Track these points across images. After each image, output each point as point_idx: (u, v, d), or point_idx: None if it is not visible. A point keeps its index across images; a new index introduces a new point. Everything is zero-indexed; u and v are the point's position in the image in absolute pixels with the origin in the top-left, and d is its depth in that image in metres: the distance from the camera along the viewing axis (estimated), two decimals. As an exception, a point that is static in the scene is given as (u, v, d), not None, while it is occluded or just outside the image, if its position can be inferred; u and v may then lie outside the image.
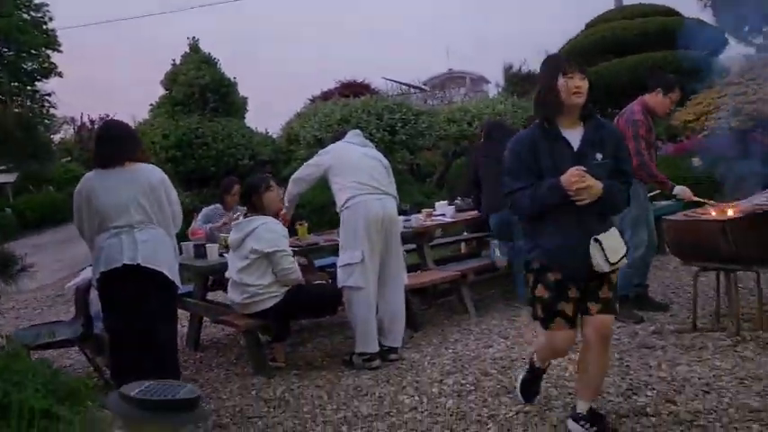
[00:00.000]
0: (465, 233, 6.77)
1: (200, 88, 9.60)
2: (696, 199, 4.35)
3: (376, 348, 4.10)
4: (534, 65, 19.10)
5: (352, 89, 12.35)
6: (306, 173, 4.41)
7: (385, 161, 4.50)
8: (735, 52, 11.34)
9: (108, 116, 21.13)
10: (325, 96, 12.59)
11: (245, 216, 4.25)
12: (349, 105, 9.33)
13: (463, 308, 5.23)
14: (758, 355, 3.58)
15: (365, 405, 3.45)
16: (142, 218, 3.30)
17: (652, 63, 9.52)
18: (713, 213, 4.10)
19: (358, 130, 4.72)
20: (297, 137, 9.75)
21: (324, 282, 4.58)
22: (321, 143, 9.29)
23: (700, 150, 8.26)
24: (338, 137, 4.64)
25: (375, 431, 3.10)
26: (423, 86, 25.66)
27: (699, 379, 3.31)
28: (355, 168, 4.21)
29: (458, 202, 6.39)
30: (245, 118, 10.66)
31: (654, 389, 3.25)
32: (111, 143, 3.40)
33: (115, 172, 3.33)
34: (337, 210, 4.24)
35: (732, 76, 8.51)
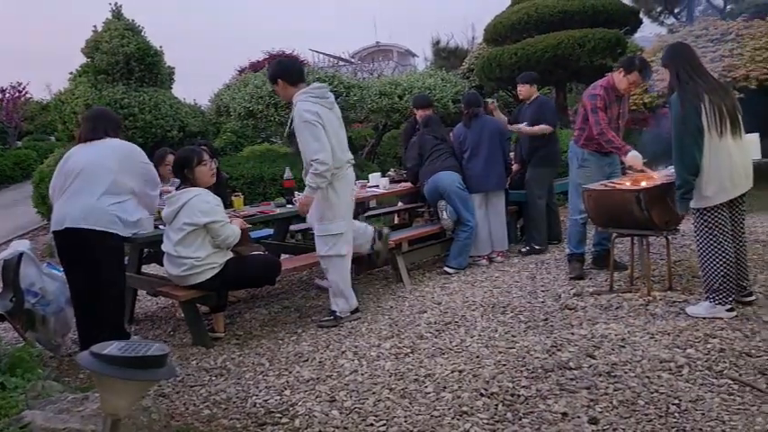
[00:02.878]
0: (400, 204, 6.94)
1: (125, 57, 9.21)
2: (642, 169, 4.64)
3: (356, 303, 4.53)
4: (461, 39, 19.42)
5: (282, 61, 12.15)
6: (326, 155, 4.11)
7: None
8: (648, 32, 11.93)
9: (20, 84, 19.96)
10: (254, 67, 12.36)
11: (177, 189, 4.22)
12: (280, 77, 9.21)
13: (398, 276, 5.40)
14: (667, 313, 3.92)
15: (306, 370, 3.56)
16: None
17: (572, 41, 9.89)
18: (627, 184, 4.41)
19: (324, 85, 4.49)
20: (227, 108, 9.58)
21: (261, 252, 4.62)
22: (252, 114, 9.18)
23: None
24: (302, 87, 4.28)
25: (317, 393, 3.21)
26: (351, 59, 25.54)
27: (615, 335, 3.61)
28: (338, 138, 4.30)
29: (391, 173, 6.54)
30: (171, 88, 10.33)
31: (576, 345, 3.52)
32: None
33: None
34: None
35: (645, 55, 8.99)
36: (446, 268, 5.56)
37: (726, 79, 7.55)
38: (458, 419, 2.78)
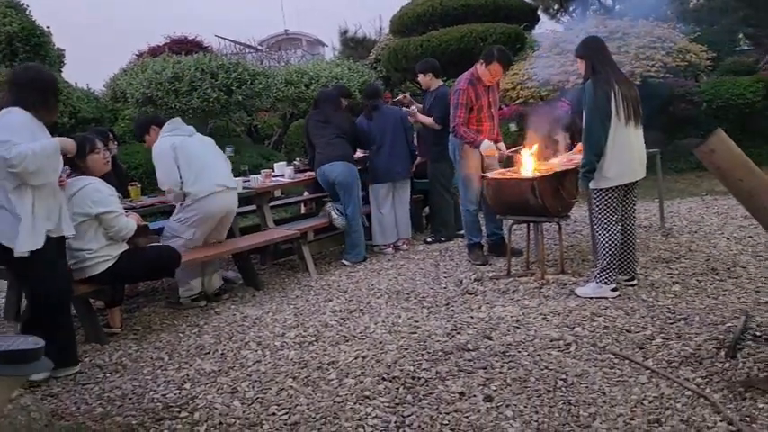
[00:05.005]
0: (306, 194, 6.90)
1: (8, 36, 8.56)
2: (495, 154, 4.91)
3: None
4: (369, 30, 19.47)
5: (183, 46, 11.69)
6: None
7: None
8: (545, 28, 12.47)
9: None
10: (154, 52, 11.81)
11: (69, 177, 3.99)
12: (181, 63, 8.90)
13: (304, 266, 5.39)
14: (558, 295, 4.15)
15: (208, 362, 3.49)
16: None
17: (475, 35, 10.18)
18: (524, 173, 4.62)
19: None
20: (123, 94, 9.13)
21: (159, 244, 4.47)
22: (151, 101, 8.81)
23: (516, 117, 9.09)
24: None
25: (219, 386, 3.16)
26: (258, 47, 24.98)
27: (511, 317, 3.78)
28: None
29: (296, 163, 6.49)
30: (62, 72, 9.71)
31: (474, 327, 3.65)
32: None
33: None
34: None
35: (542, 50, 9.41)
36: (343, 261, 5.58)
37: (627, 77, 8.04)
38: (359, 404, 2.82)
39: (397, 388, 2.95)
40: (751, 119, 9.61)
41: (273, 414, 2.81)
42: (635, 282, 4.19)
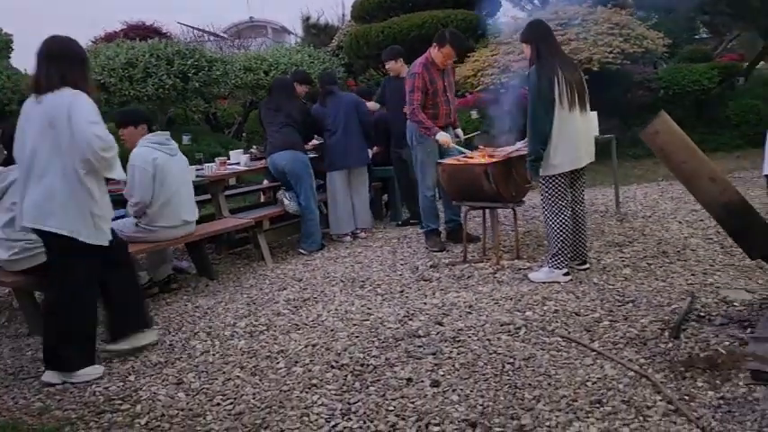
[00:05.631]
0: (265, 182, 6.80)
1: (-50, 21, 8.21)
2: (452, 146, 4.89)
3: None
4: (332, 16, 19.29)
5: (140, 32, 11.40)
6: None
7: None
8: (508, 15, 12.51)
9: None
10: (109, 38, 11.50)
11: (4, 164, 3.84)
12: (135, 49, 8.67)
13: (260, 255, 5.31)
14: (512, 280, 4.16)
15: (155, 354, 3.41)
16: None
17: (435, 21, 10.14)
18: (478, 158, 4.61)
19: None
20: (76, 81, 8.84)
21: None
22: (104, 87, 8.57)
23: (477, 104, 9.10)
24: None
25: (164, 377, 3.09)
26: (222, 34, 24.55)
27: (464, 303, 3.78)
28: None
29: (253, 150, 6.38)
30: (9, 58, 9.37)
31: (427, 314, 3.64)
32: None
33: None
34: None
35: (503, 36, 9.42)
36: (300, 250, 5.51)
37: (572, 61, 8.10)
38: (306, 392, 2.79)
39: (345, 375, 2.92)
40: (707, 105, 9.81)
41: (218, 404, 2.75)
42: (587, 266, 4.23)
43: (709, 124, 9.72)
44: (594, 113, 5.68)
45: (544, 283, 3.99)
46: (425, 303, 3.84)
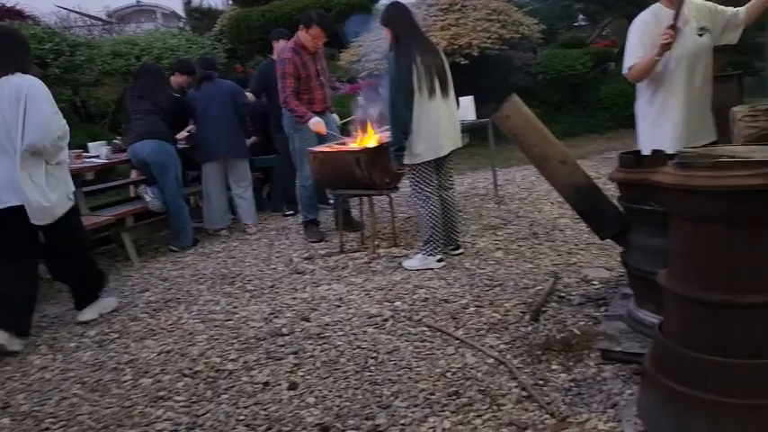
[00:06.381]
0: (133, 174, 6.33)
1: None
2: (325, 132, 4.73)
3: None
4: (215, 0, 18.53)
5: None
6: None
7: None
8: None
9: None
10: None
11: None
12: (-16, 32, 7.82)
13: (125, 254, 4.94)
14: (386, 269, 4.08)
15: (-16, 374, 3.03)
16: None
17: (319, 5, 9.92)
18: (350, 145, 4.48)
19: None
20: None
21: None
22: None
23: (363, 90, 8.99)
24: None
25: (-10, 401, 2.74)
26: (108, 19, 23.05)
27: (334, 295, 3.65)
28: None
29: (117, 141, 5.93)
30: None
31: (294, 310, 3.48)
32: None
33: None
34: None
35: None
36: (171, 247, 5.18)
37: (453, 47, 8.16)
38: (151, 406, 2.55)
39: (198, 384, 2.71)
40: (582, 89, 10.24)
41: (47, 429, 2.46)
42: (461, 251, 4.22)
43: (584, 107, 10.17)
44: (470, 98, 5.74)
45: (418, 270, 3.94)
46: (295, 298, 3.68)
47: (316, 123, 4.68)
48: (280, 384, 2.64)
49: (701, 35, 3.06)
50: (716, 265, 1.66)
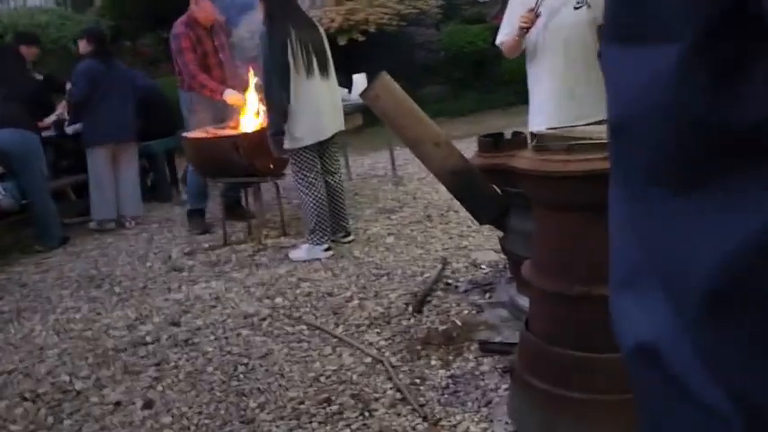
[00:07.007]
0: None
1: None
2: (243, 104, 4.38)
3: None
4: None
5: None
6: None
7: None
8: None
9: None
10: None
11: None
12: None
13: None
14: (272, 261, 3.83)
15: None
16: None
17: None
18: (228, 130, 4.17)
19: None
20: None
21: None
22: None
23: (257, 69, 8.58)
24: None
25: None
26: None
27: (210, 294, 3.37)
28: None
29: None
30: None
31: (164, 313, 3.18)
32: None
33: None
34: None
35: None
36: (36, 247, 4.66)
37: (349, 23, 7.89)
38: (-24, 442, 2.21)
39: (39, 409, 2.38)
40: (485, 66, 10.24)
41: None
42: (351, 238, 4.02)
43: (487, 84, 10.19)
44: (362, 76, 5.51)
45: (305, 261, 3.71)
46: (167, 300, 3.37)
47: (231, 96, 4.30)
48: (134, 403, 2.35)
49: (577, 8, 2.96)
50: (575, 255, 1.52)
